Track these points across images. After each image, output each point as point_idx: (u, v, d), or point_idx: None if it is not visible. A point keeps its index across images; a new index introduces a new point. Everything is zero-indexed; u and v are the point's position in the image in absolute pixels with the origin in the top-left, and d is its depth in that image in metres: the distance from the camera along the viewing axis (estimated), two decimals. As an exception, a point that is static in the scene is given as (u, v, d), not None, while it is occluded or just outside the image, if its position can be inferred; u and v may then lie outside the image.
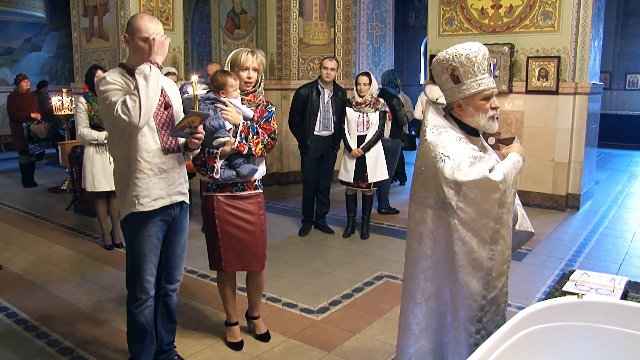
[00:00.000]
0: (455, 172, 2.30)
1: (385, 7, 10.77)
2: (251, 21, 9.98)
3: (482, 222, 2.35)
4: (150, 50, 2.91)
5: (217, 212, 3.62)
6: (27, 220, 7.35)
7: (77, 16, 8.66)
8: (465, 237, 2.36)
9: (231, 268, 3.72)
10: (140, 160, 3.02)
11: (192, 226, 6.79)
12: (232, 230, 3.64)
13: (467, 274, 2.40)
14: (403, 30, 19.02)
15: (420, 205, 2.51)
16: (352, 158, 6.19)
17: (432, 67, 2.55)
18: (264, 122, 3.64)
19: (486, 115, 2.45)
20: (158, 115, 3.07)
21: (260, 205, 3.73)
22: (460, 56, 2.39)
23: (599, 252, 5.99)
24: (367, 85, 6.06)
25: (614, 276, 2.67)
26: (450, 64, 2.41)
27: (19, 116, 9.31)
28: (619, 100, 16.44)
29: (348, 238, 6.42)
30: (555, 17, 7.51)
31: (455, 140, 2.39)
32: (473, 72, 2.38)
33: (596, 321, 2.10)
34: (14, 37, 14.33)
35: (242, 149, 3.49)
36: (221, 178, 3.51)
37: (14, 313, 4.39)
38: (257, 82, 3.68)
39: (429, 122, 2.48)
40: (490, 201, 2.32)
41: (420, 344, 2.63)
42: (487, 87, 2.40)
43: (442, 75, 2.48)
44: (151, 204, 3.08)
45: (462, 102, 2.44)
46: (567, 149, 7.65)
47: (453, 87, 2.44)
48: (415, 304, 2.63)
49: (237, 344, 3.83)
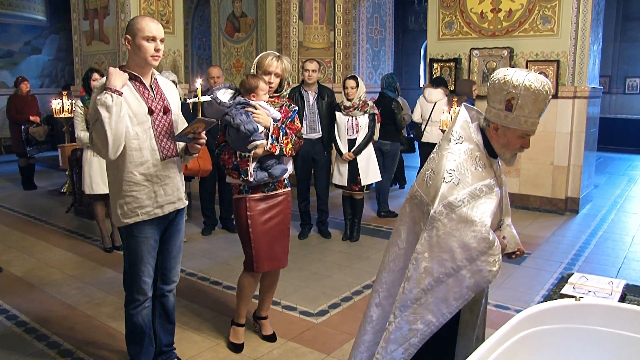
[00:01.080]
0: (458, 201, 2.26)
1: (385, 11, 10.79)
2: (251, 24, 10.01)
3: (443, 256, 2.28)
4: (107, 79, 2.88)
5: (250, 212, 3.64)
6: (27, 222, 7.36)
7: (78, 19, 8.68)
8: (421, 255, 2.31)
9: (263, 269, 3.74)
10: (135, 173, 3.04)
11: (193, 229, 6.81)
12: (265, 230, 3.67)
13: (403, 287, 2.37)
14: (403, 34, 19.07)
15: (416, 207, 2.48)
16: (344, 162, 6.21)
17: (491, 82, 2.40)
18: (290, 122, 3.69)
19: (514, 151, 2.43)
20: (157, 121, 3.07)
21: (289, 204, 3.81)
22: (528, 90, 2.26)
23: (598, 255, 6.00)
24: (354, 88, 6.08)
25: (612, 279, 2.68)
26: (511, 92, 2.29)
27: (18, 119, 9.32)
28: (618, 104, 16.47)
29: (347, 241, 6.43)
30: (554, 21, 7.53)
31: (473, 161, 2.34)
32: (529, 109, 2.30)
33: (593, 324, 2.11)
34: (14, 40, 14.35)
35: (274, 150, 3.52)
36: (254, 180, 3.54)
37: (14, 315, 4.40)
38: (281, 86, 3.74)
39: (457, 131, 2.40)
40: (463, 241, 2.26)
41: (369, 338, 2.63)
42: (531, 128, 2.34)
43: (497, 95, 2.36)
44: (147, 214, 3.11)
45: (501, 128, 2.37)
46: (567, 153, 7.67)
47: (501, 111, 2.35)
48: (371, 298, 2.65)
49: (239, 345, 3.84)
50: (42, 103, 11.50)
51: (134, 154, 3.01)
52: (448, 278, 2.27)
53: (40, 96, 11.99)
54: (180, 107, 3.31)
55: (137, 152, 3.01)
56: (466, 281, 2.25)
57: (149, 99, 3.05)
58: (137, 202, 3.06)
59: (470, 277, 2.24)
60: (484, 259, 2.22)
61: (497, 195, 2.35)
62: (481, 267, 2.22)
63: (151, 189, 3.09)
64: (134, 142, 3.00)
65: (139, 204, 3.07)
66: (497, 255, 2.24)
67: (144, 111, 3.01)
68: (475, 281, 2.24)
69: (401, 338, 2.34)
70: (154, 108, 3.05)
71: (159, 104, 3.08)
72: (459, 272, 2.25)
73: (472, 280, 2.24)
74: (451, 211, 2.25)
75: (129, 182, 3.04)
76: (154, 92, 3.09)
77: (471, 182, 2.30)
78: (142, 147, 3.02)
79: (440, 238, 2.27)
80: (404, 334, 2.34)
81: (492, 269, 2.23)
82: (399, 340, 2.35)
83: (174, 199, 3.21)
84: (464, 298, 2.28)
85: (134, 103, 2.98)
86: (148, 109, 3.03)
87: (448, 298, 2.28)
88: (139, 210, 3.07)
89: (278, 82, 3.72)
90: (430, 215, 2.28)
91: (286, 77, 3.75)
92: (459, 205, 2.25)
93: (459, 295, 2.27)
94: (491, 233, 2.25)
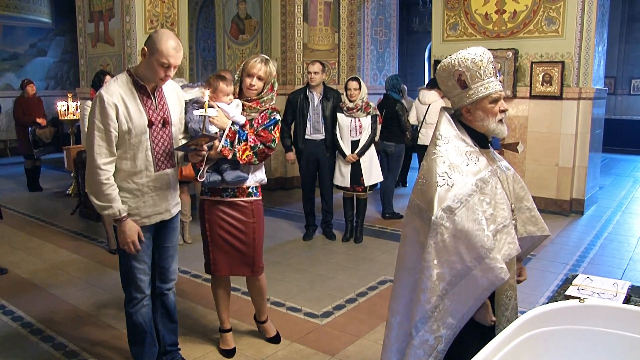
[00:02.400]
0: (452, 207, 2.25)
1: (389, 13, 10.79)
2: (256, 26, 10.02)
3: (452, 259, 2.28)
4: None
5: (207, 215, 3.65)
6: (33, 224, 7.39)
7: (83, 21, 8.71)
8: (431, 263, 2.29)
9: (220, 272, 3.73)
10: (129, 181, 3.07)
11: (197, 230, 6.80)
12: (222, 235, 3.65)
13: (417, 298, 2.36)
14: (407, 36, 19.05)
15: (415, 217, 2.47)
16: (347, 163, 6.22)
17: (437, 73, 2.52)
18: (262, 130, 3.55)
19: (495, 119, 2.43)
20: (155, 132, 3.07)
21: (253, 213, 3.67)
22: (466, 60, 2.36)
23: (603, 257, 5.98)
24: (357, 90, 6.08)
25: (617, 281, 2.68)
26: (456, 70, 2.39)
27: (24, 121, 9.36)
28: (624, 105, 16.42)
29: (352, 243, 6.44)
30: (559, 22, 7.52)
31: (464, 157, 2.34)
32: (479, 76, 2.36)
33: (598, 325, 2.10)
34: (19, 42, 14.41)
35: (225, 153, 3.42)
36: (206, 182, 3.51)
37: (19, 317, 4.41)
38: (262, 90, 3.60)
39: (441, 133, 2.42)
40: (469, 242, 2.25)
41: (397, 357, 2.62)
42: (494, 90, 2.37)
43: (448, 82, 2.45)
44: (141, 221, 3.14)
45: (471, 107, 2.41)
46: (572, 154, 7.65)
47: (461, 93, 2.41)
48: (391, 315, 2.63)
49: (229, 351, 3.82)
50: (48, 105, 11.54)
51: (129, 164, 3.04)
52: (460, 280, 2.26)
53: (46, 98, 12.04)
54: (182, 114, 3.31)
55: (131, 162, 3.04)
56: (479, 280, 2.24)
57: (150, 109, 3.05)
58: (133, 211, 3.10)
59: (483, 276, 2.23)
60: (492, 256, 2.21)
61: (493, 188, 2.34)
62: (491, 265, 2.21)
63: (141, 199, 3.10)
64: (129, 152, 3.02)
65: (135, 212, 3.11)
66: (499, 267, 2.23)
67: (143, 123, 3.02)
68: (488, 280, 2.23)
69: (429, 349, 2.34)
70: (154, 120, 3.05)
71: (159, 116, 3.08)
72: (470, 272, 2.25)
73: (485, 279, 2.23)
74: (451, 214, 2.24)
75: (122, 189, 3.06)
76: (157, 103, 3.09)
77: (465, 179, 2.29)
78: (137, 157, 3.04)
79: (446, 242, 2.26)
80: (431, 344, 2.34)
81: (502, 265, 2.22)
82: (427, 351, 2.35)
83: (162, 210, 3.22)
84: (481, 298, 2.28)
85: (135, 115, 2.98)
86: (148, 121, 3.03)
87: (464, 299, 2.28)
88: (136, 217, 3.12)
89: (262, 86, 3.58)
90: (432, 221, 2.26)
91: (270, 81, 3.61)
92: (457, 206, 2.25)
93: (475, 295, 2.27)
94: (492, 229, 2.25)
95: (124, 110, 2.94)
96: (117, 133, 2.95)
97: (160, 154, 3.11)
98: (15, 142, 10.58)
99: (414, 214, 2.45)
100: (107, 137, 2.93)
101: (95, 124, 2.94)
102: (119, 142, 2.98)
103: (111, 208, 2.97)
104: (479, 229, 2.22)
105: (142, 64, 3.02)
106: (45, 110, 10.02)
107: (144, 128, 3.01)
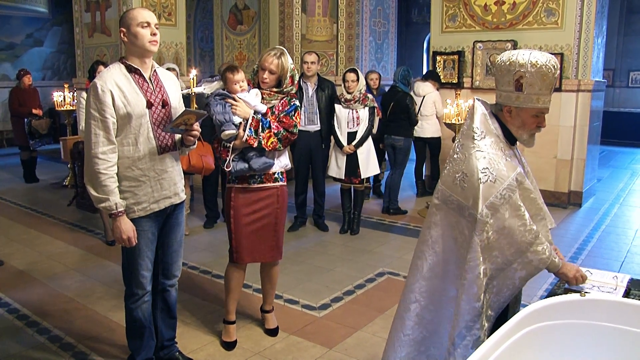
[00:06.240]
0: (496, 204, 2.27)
1: (388, 4, 10.74)
2: (254, 17, 9.97)
3: (494, 254, 2.31)
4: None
5: (233, 203, 3.68)
6: (29, 216, 7.36)
7: (80, 11, 8.66)
8: (478, 261, 2.30)
9: (243, 260, 3.74)
10: (133, 169, 3.02)
11: (195, 222, 6.80)
12: (247, 222, 3.68)
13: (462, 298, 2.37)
14: (406, 27, 18.97)
15: (453, 212, 2.44)
16: (342, 155, 6.19)
17: (497, 65, 2.43)
18: (284, 116, 3.62)
19: (530, 131, 2.41)
20: (155, 114, 3.04)
21: (278, 198, 3.75)
22: (535, 66, 2.29)
23: (601, 249, 5.98)
24: (354, 81, 6.06)
25: (617, 274, 2.66)
26: (519, 71, 2.31)
27: (20, 112, 9.30)
28: (622, 97, 16.41)
29: (349, 235, 6.42)
30: (558, 14, 7.49)
31: (500, 153, 2.34)
32: (538, 86, 2.31)
33: (598, 319, 2.10)
34: (16, 33, 14.31)
35: (251, 142, 3.49)
36: (233, 170, 3.56)
37: (15, 309, 4.39)
38: (281, 83, 3.65)
39: (477, 127, 2.39)
40: (511, 237, 2.29)
41: (406, 350, 2.61)
42: (544, 106, 2.35)
43: (505, 77, 2.38)
44: (143, 210, 3.09)
45: (514, 110, 2.39)
46: (570, 146, 7.64)
47: (511, 92, 2.37)
48: (406, 310, 2.62)
49: (231, 343, 3.81)
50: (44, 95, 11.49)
51: (131, 149, 3.00)
52: (500, 272, 2.34)
53: (43, 89, 11.99)
54: (181, 99, 3.28)
55: (133, 147, 3.00)
56: (518, 272, 2.33)
57: (147, 91, 3.02)
58: (135, 199, 3.04)
59: (522, 268, 2.31)
60: (532, 249, 2.28)
61: (528, 183, 2.38)
62: (531, 257, 2.30)
63: (148, 184, 3.06)
64: (130, 137, 2.98)
65: (136, 200, 3.05)
66: (544, 242, 2.31)
67: (142, 104, 2.98)
68: (526, 271, 2.32)
69: (479, 344, 2.34)
70: (153, 101, 3.02)
71: (158, 97, 3.05)
72: (510, 265, 2.32)
73: (524, 271, 2.32)
74: (495, 211, 2.27)
75: (127, 177, 3.02)
76: (153, 85, 3.07)
77: (506, 174, 2.31)
78: (139, 141, 3.00)
79: (491, 240, 2.29)
80: (482, 340, 2.35)
81: (542, 257, 2.30)
82: (475, 346, 2.35)
83: (170, 193, 3.18)
84: (517, 287, 2.37)
85: (132, 97, 2.95)
86: (147, 102, 3.00)
87: (502, 290, 2.36)
88: (135, 207, 3.05)
89: (274, 79, 3.62)
90: (477, 219, 2.28)
91: (285, 75, 3.63)
92: (501, 203, 2.27)
93: (512, 286, 2.36)
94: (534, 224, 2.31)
95: (120, 94, 2.91)
96: (114, 120, 2.92)
97: (162, 135, 3.08)
98: (11, 132, 10.52)
99: (450, 208, 2.44)
100: (104, 125, 2.90)
101: (92, 112, 2.92)
102: (118, 127, 2.95)
103: (108, 201, 2.94)
104: (521, 224, 2.27)
105: (127, 45, 3.03)
106: (42, 101, 9.97)
107: (144, 110, 2.98)
